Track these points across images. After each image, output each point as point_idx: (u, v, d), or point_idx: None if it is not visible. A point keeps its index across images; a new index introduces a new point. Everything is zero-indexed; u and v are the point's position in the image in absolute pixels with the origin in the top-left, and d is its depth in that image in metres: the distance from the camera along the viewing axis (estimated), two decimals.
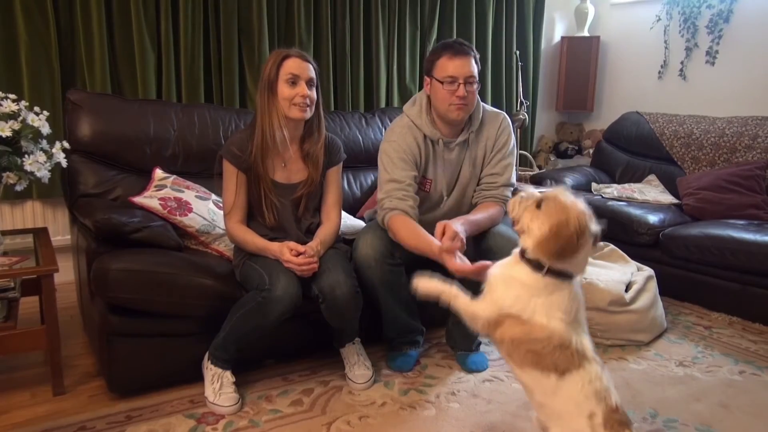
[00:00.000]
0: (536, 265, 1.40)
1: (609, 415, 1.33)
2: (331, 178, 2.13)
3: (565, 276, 1.40)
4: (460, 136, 2.15)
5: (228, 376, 1.93)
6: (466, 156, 2.18)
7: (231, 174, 2.00)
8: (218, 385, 1.90)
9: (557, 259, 1.36)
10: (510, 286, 1.43)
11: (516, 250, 1.48)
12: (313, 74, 1.99)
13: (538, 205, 1.39)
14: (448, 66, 2.03)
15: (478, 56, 2.12)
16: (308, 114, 1.99)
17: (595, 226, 1.37)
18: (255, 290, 1.86)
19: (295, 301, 1.85)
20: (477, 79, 2.08)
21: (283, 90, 1.93)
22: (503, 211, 2.16)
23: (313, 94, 1.98)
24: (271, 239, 2.00)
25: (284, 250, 1.90)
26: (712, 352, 2.42)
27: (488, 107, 2.26)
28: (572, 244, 1.34)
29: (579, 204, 1.37)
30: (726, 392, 2.08)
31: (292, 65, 1.94)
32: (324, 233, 2.05)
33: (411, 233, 1.98)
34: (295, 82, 1.94)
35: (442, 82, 2.04)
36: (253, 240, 1.98)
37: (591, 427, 1.33)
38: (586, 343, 1.41)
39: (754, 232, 2.83)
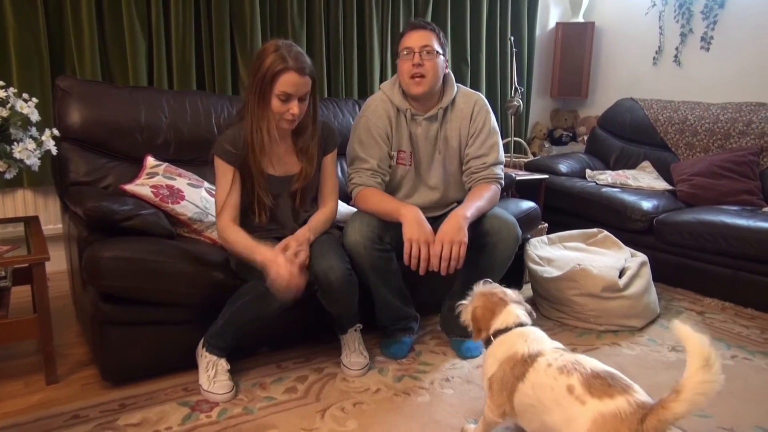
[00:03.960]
0: (486, 341, 1.62)
1: (589, 381, 1.30)
2: (328, 165, 2.11)
3: (504, 330, 1.58)
4: (429, 111, 2.19)
5: (223, 364, 1.92)
6: (439, 134, 2.20)
7: (225, 171, 1.92)
8: (213, 373, 1.90)
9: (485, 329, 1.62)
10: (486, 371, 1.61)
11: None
12: (307, 88, 1.89)
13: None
14: (405, 39, 2.14)
15: (440, 33, 2.16)
16: (295, 124, 1.93)
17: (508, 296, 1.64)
18: (257, 280, 1.83)
19: (297, 293, 1.83)
20: (438, 52, 2.12)
21: (275, 104, 1.85)
22: (499, 190, 2.21)
23: (303, 106, 1.91)
24: (267, 231, 1.99)
25: (279, 260, 1.75)
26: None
27: (464, 88, 2.28)
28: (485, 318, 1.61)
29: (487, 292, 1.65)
30: None
31: (288, 83, 1.82)
32: (316, 220, 2.03)
33: (375, 199, 2.08)
34: (287, 100, 1.86)
35: (402, 56, 2.13)
36: (245, 242, 1.84)
37: (577, 398, 1.29)
38: (537, 344, 1.50)
39: (746, 218, 2.84)
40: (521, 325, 1.58)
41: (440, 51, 2.12)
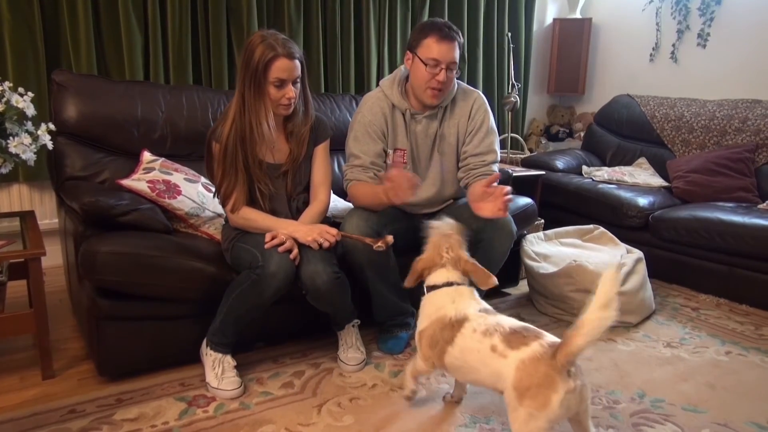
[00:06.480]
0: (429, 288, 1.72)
1: (507, 338, 1.46)
2: (318, 155, 2.11)
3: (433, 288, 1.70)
4: (429, 110, 2.19)
5: (229, 360, 1.92)
6: (438, 132, 2.20)
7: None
8: (220, 370, 1.89)
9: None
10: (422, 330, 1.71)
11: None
12: (299, 72, 1.94)
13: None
14: (433, 48, 2.04)
15: (462, 41, 2.13)
16: (292, 109, 1.99)
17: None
18: (248, 269, 1.85)
19: (290, 276, 1.84)
20: (458, 65, 2.11)
21: (271, 92, 1.90)
22: None
23: (297, 90, 1.96)
24: None
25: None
26: (700, 333, 2.45)
27: (463, 85, 2.28)
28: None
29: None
30: (712, 372, 2.11)
31: (280, 68, 1.87)
32: (307, 215, 2.03)
33: (366, 191, 2.10)
34: (282, 86, 1.90)
35: (425, 64, 2.06)
36: (264, 220, 1.97)
37: (500, 354, 1.45)
38: (464, 307, 1.61)
39: (742, 215, 2.85)
40: (450, 284, 1.66)
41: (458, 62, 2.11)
